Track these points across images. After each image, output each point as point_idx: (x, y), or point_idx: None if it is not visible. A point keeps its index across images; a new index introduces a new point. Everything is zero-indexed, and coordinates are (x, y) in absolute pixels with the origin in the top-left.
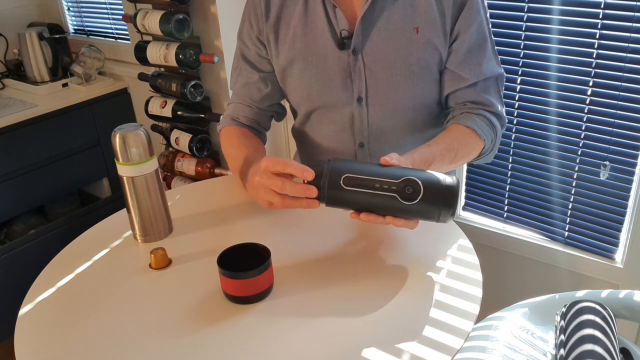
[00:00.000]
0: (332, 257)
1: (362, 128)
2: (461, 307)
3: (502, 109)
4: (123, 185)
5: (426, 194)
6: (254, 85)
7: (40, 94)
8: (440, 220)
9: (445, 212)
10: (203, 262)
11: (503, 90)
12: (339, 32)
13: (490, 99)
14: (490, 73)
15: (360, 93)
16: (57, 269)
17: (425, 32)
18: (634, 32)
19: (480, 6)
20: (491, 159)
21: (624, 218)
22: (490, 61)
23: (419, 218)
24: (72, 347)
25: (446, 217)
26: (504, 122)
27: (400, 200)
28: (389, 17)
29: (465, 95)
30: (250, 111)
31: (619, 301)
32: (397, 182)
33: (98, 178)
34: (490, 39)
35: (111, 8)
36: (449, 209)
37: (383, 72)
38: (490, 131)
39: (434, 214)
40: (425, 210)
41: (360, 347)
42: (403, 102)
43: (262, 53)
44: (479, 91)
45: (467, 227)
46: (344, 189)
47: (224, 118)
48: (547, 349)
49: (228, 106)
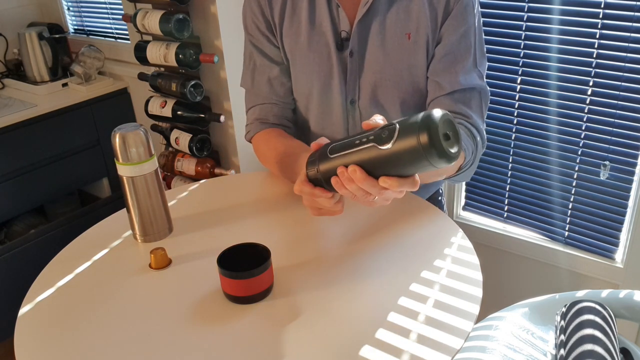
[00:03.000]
0: (332, 257)
1: (355, 131)
2: (461, 307)
3: (483, 125)
4: (123, 185)
5: (402, 129)
6: (276, 80)
7: (40, 93)
8: (427, 154)
9: (426, 139)
10: (203, 262)
11: (487, 108)
12: (340, 32)
13: (469, 111)
14: (469, 84)
15: (353, 95)
16: (57, 269)
17: (417, 38)
18: (634, 32)
19: (470, 17)
20: (469, 177)
21: (624, 218)
22: (470, 73)
23: (406, 163)
24: (72, 347)
25: (431, 147)
26: (484, 139)
27: (379, 147)
28: (383, 21)
29: (442, 103)
30: (278, 109)
31: (619, 301)
32: (374, 132)
33: (98, 178)
34: (475, 50)
35: (111, 8)
36: (428, 136)
37: (373, 76)
38: (471, 142)
39: (417, 147)
40: (406, 147)
41: (360, 347)
42: (392, 106)
43: (275, 41)
44: (456, 101)
45: (467, 227)
46: (331, 159)
47: (251, 124)
48: (547, 349)
49: (250, 110)
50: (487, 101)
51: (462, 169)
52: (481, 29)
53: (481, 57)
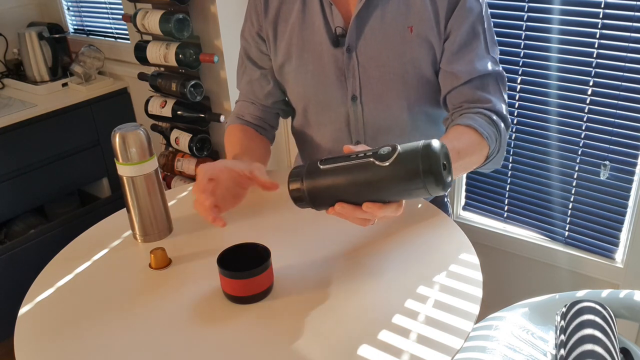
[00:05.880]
0: (332, 258)
1: (357, 127)
2: (461, 307)
3: (504, 108)
4: (123, 185)
5: (403, 149)
6: (256, 82)
7: (40, 93)
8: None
9: (427, 167)
10: (203, 262)
11: (506, 91)
12: (334, 29)
13: (488, 96)
14: (485, 70)
15: (355, 91)
16: (57, 269)
17: (419, 31)
18: (634, 32)
19: (475, 6)
20: (500, 164)
21: (624, 218)
22: (484, 59)
23: (400, 184)
24: (72, 347)
25: (431, 174)
26: (508, 122)
27: (376, 163)
28: (383, 15)
29: (461, 93)
30: (255, 108)
31: (619, 301)
32: (372, 149)
33: (98, 178)
34: (485, 37)
35: (111, 8)
36: (429, 162)
37: (376, 70)
38: (493, 129)
39: (417, 171)
40: (406, 168)
41: (360, 347)
42: (397, 101)
43: (262, 49)
44: (475, 89)
45: (467, 227)
46: (321, 170)
47: (230, 116)
48: (547, 349)
49: (235, 104)
50: (505, 85)
51: (489, 157)
52: (489, 16)
53: (492, 44)
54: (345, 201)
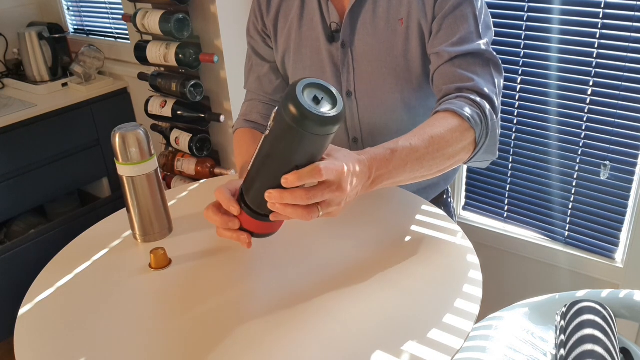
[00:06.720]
0: (332, 258)
1: (353, 123)
2: (461, 307)
3: (491, 90)
4: (123, 185)
5: (277, 109)
6: (265, 78)
7: (40, 93)
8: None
9: (294, 111)
10: (203, 262)
11: (500, 75)
12: (330, 24)
13: (471, 75)
14: (471, 49)
15: (349, 87)
16: (57, 269)
17: (409, 23)
18: (634, 32)
19: None
20: (495, 153)
21: (624, 218)
22: (471, 40)
23: (292, 144)
24: (72, 347)
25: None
26: (495, 105)
27: (265, 135)
28: (375, 9)
29: (443, 72)
30: (264, 107)
31: (619, 301)
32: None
33: (98, 178)
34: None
35: (111, 8)
36: (293, 104)
37: (369, 65)
38: (476, 109)
39: (289, 123)
40: (282, 126)
41: (360, 347)
42: (391, 95)
43: (269, 43)
44: (457, 66)
45: (467, 227)
46: (244, 182)
47: (237, 119)
48: (547, 349)
49: (242, 106)
50: (499, 69)
51: (478, 144)
52: (484, 3)
53: (486, 29)
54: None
